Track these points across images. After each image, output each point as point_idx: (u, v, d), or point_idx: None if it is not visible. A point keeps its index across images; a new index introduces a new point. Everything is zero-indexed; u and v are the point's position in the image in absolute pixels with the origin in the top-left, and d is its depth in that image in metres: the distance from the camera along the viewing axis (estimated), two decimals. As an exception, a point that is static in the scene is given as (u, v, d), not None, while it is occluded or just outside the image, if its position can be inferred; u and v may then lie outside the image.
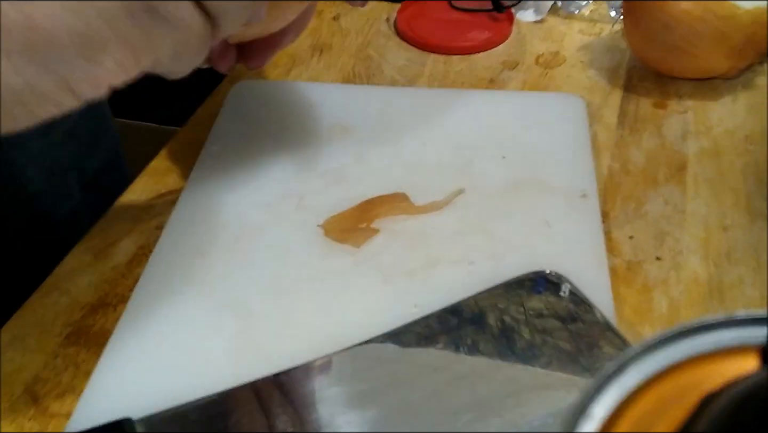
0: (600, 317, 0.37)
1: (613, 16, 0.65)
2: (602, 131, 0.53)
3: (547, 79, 0.59)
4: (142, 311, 0.40)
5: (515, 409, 0.33)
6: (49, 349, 0.40)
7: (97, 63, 0.27)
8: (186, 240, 0.44)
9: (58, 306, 0.42)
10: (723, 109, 0.55)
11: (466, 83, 0.58)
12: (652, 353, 0.21)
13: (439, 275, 0.41)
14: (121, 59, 0.27)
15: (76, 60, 0.26)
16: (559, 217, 0.44)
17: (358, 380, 0.35)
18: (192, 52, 0.30)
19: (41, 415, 0.37)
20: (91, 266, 0.44)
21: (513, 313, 0.37)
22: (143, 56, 0.28)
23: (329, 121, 0.53)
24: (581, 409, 0.20)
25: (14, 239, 0.53)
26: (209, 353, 0.38)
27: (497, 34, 0.63)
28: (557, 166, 0.48)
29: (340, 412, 0.34)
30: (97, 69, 0.27)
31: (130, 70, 0.28)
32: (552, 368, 0.35)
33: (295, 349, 0.37)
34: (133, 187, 0.50)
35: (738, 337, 0.21)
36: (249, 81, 0.57)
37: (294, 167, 0.49)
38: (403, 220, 0.45)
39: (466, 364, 0.36)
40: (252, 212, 0.46)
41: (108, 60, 0.27)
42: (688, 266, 0.43)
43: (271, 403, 0.35)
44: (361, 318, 0.39)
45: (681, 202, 0.47)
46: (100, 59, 0.27)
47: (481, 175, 0.48)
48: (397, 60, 0.62)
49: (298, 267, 0.42)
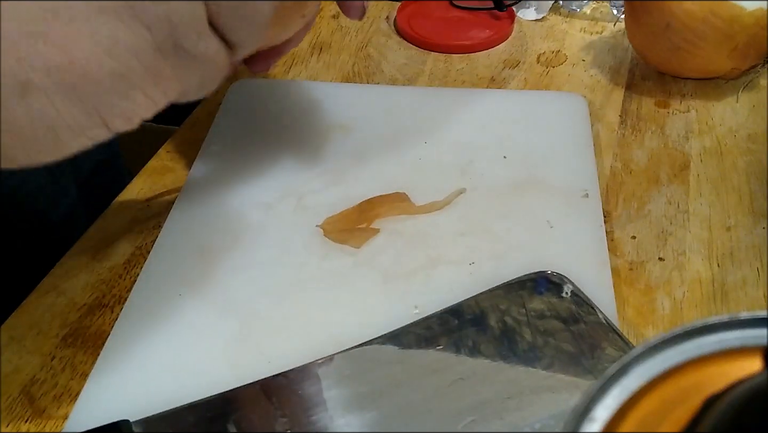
0: (602, 318, 0.37)
1: (615, 15, 0.64)
2: (604, 130, 0.52)
3: (548, 78, 0.58)
4: (140, 312, 0.40)
5: (517, 411, 0.33)
6: (46, 350, 0.39)
7: (130, 99, 0.28)
8: (184, 240, 0.44)
9: (55, 307, 0.42)
10: (726, 108, 0.54)
11: (467, 82, 0.58)
12: (655, 355, 0.21)
13: (439, 276, 0.41)
14: (152, 94, 0.29)
15: (110, 97, 0.28)
16: (560, 217, 0.44)
17: (357, 382, 0.35)
18: (216, 81, 0.32)
19: (38, 417, 0.36)
20: (88, 267, 0.44)
21: (514, 314, 0.37)
22: (172, 90, 0.30)
23: (329, 120, 0.53)
24: (584, 411, 0.20)
25: (10, 237, 0.53)
26: (207, 354, 0.38)
27: (498, 33, 0.63)
28: (559, 166, 0.48)
29: (339, 414, 0.34)
30: (129, 104, 0.28)
31: (159, 103, 0.30)
32: (554, 369, 0.35)
33: (294, 350, 0.37)
34: (131, 187, 0.49)
35: (741, 338, 0.21)
36: (248, 80, 0.57)
37: (293, 167, 0.49)
38: (403, 220, 0.44)
39: (467, 365, 0.35)
40: (251, 212, 0.46)
41: (140, 95, 0.28)
42: (691, 266, 0.42)
43: (270, 405, 0.34)
44: (361, 319, 0.39)
45: (684, 202, 0.46)
46: (132, 95, 0.28)
47: (482, 174, 0.47)
48: (398, 59, 0.61)
49: (298, 267, 0.42)
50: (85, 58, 0.26)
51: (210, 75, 0.31)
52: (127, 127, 0.29)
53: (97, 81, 0.27)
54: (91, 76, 0.27)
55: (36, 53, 0.26)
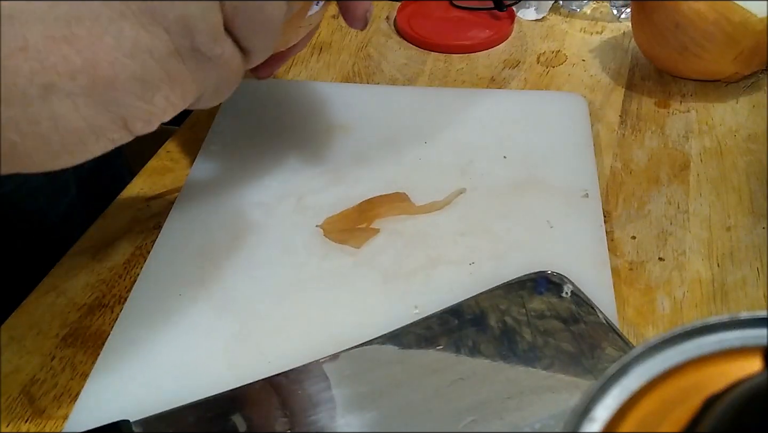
0: (602, 318, 0.37)
1: (615, 15, 0.64)
2: (604, 130, 0.52)
3: (548, 78, 0.58)
4: (140, 312, 0.40)
5: (517, 411, 0.33)
6: (45, 350, 0.39)
7: (150, 101, 0.29)
8: (184, 240, 0.44)
9: (54, 307, 0.42)
10: (725, 108, 0.54)
11: (467, 82, 0.58)
12: (655, 355, 0.21)
13: (439, 276, 0.41)
14: (170, 97, 0.30)
15: (131, 99, 0.28)
16: (560, 217, 0.44)
17: (357, 382, 0.35)
18: (231, 86, 0.33)
19: (38, 417, 0.36)
20: (88, 267, 0.44)
21: (514, 314, 0.37)
22: (189, 92, 0.30)
23: (329, 120, 0.53)
24: (583, 411, 0.20)
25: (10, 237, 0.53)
26: (207, 354, 0.38)
27: (498, 33, 0.63)
28: (559, 166, 0.48)
29: (339, 414, 0.34)
30: (149, 106, 0.29)
31: (177, 107, 0.30)
32: (554, 369, 0.35)
33: (294, 350, 0.37)
34: (131, 187, 0.49)
35: (741, 338, 0.21)
36: (248, 80, 0.57)
37: (293, 167, 0.49)
38: (403, 220, 0.44)
39: (467, 365, 0.35)
40: (251, 212, 0.46)
41: (159, 98, 0.29)
42: (691, 266, 0.42)
43: (270, 405, 0.34)
44: (361, 319, 0.39)
45: (684, 202, 0.46)
46: (152, 98, 0.29)
47: (482, 174, 0.47)
48: (398, 59, 0.61)
49: (298, 267, 0.42)
50: (108, 61, 0.27)
51: (225, 79, 0.32)
52: (146, 130, 0.30)
53: (119, 84, 0.27)
54: (114, 80, 0.27)
55: (60, 57, 0.26)
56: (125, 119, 0.29)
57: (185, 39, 0.29)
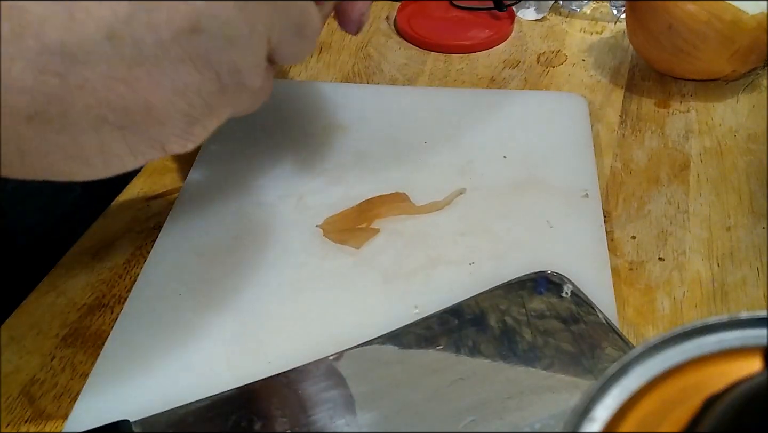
0: (602, 318, 0.37)
1: (615, 15, 0.64)
2: (604, 130, 0.52)
3: (548, 78, 0.58)
4: (140, 312, 0.40)
5: (517, 411, 0.33)
6: (45, 350, 0.39)
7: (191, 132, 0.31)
8: (184, 240, 0.44)
9: (54, 307, 0.42)
10: (726, 108, 0.54)
11: (467, 82, 0.58)
12: (655, 355, 0.21)
13: (439, 276, 0.41)
14: (209, 126, 0.31)
15: (174, 130, 0.30)
16: (560, 217, 0.44)
17: (357, 382, 0.35)
18: (260, 104, 0.35)
19: (38, 417, 0.36)
20: (88, 267, 0.44)
21: (514, 314, 0.37)
22: (224, 116, 0.32)
23: (328, 120, 0.53)
24: (583, 411, 0.20)
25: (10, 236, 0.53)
26: (207, 354, 0.38)
27: (498, 33, 0.63)
28: (559, 166, 0.48)
29: (339, 414, 0.34)
30: (189, 135, 0.31)
31: (211, 129, 0.32)
32: (554, 369, 0.35)
33: (294, 350, 0.37)
34: (131, 187, 0.49)
35: (741, 338, 0.21)
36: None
37: (293, 167, 0.49)
38: (403, 220, 0.44)
39: (467, 365, 0.35)
40: (251, 212, 0.46)
41: (200, 129, 0.31)
42: (691, 266, 0.42)
43: (270, 405, 0.34)
44: (361, 319, 0.39)
45: (684, 202, 0.46)
46: (194, 129, 0.31)
47: (482, 174, 0.47)
48: (397, 59, 0.61)
49: (298, 267, 0.42)
50: (162, 102, 0.28)
51: (259, 100, 0.35)
52: (181, 151, 0.31)
53: (168, 120, 0.29)
54: (164, 117, 0.29)
55: (116, 96, 0.27)
56: (164, 145, 0.30)
57: (233, 77, 0.30)
